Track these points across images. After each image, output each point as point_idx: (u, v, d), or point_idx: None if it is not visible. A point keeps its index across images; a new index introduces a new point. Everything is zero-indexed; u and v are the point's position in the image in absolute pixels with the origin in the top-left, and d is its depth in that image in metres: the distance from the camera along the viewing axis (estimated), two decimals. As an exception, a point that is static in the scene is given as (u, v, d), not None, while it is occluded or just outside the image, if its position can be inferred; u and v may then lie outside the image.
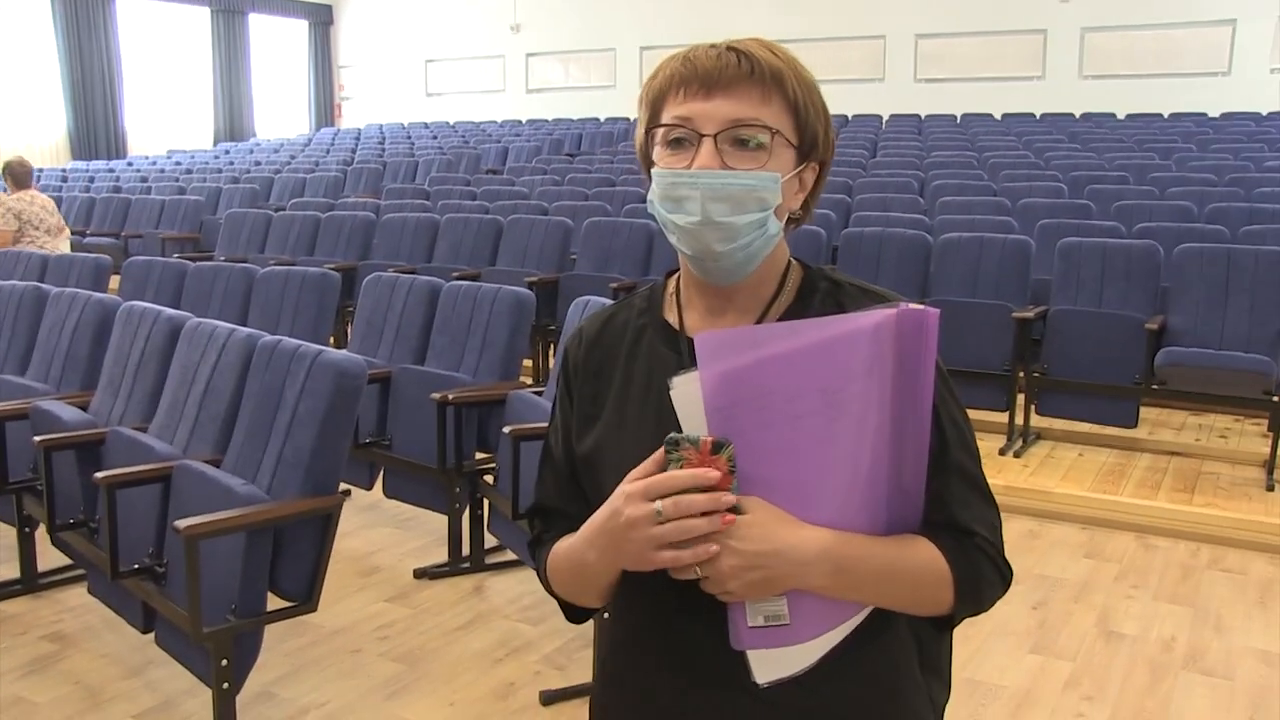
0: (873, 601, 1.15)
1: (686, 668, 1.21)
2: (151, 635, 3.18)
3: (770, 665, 1.14)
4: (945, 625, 1.22)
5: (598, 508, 1.25)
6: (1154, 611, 3.88)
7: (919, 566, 1.15)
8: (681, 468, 1.08)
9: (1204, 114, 13.18)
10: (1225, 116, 12.94)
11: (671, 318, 1.28)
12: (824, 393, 1.07)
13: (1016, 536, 1.08)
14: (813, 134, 1.20)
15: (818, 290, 1.24)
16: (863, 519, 1.11)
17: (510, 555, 4.15)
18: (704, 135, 1.15)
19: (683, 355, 1.22)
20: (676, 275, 1.31)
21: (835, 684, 1.18)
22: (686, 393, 1.11)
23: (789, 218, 1.22)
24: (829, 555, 1.09)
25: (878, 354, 1.07)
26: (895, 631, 1.22)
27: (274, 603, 2.85)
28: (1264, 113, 12.95)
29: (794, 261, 1.27)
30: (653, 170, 1.20)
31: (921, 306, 1.08)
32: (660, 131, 1.19)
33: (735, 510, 1.08)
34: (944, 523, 1.18)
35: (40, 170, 14.87)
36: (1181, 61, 14.42)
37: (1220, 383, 5.13)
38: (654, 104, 1.20)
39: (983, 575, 1.18)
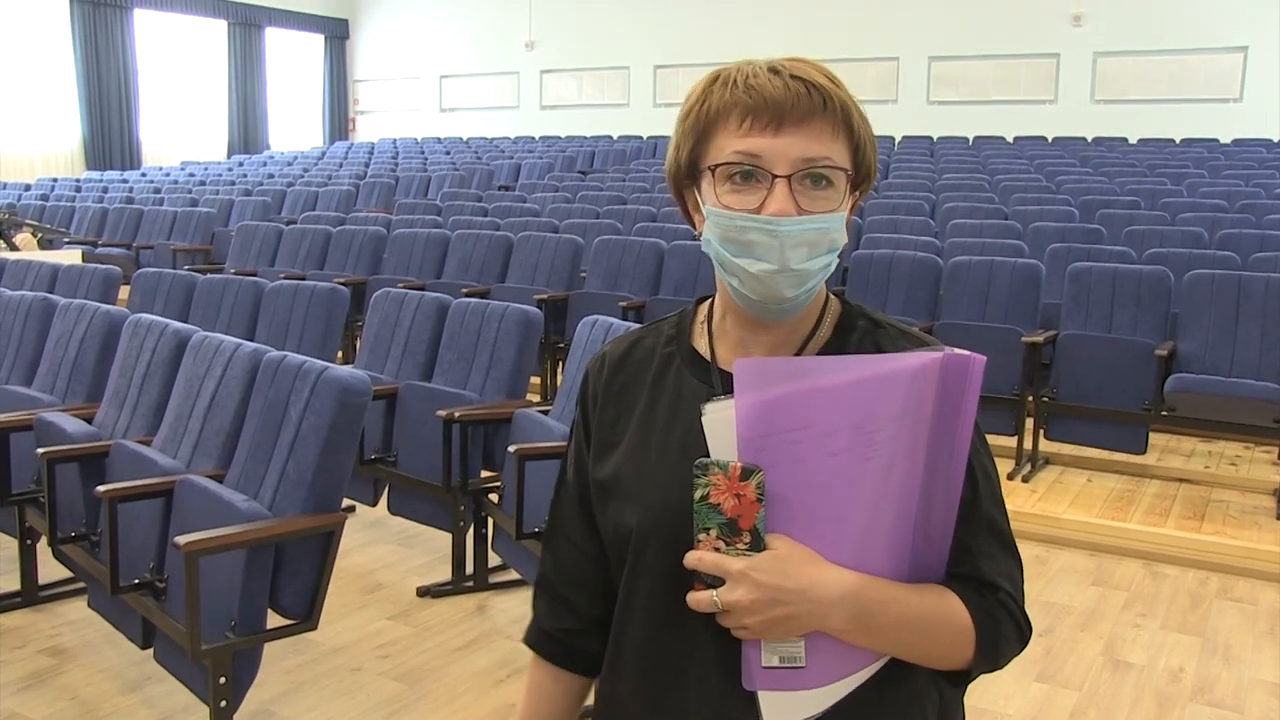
0: (891, 650, 1.10)
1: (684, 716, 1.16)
2: (150, 651, 3.16)
3: (782, 709, 1.09)
4: (960, 680, 1.16)
5: (607, 535, 1.22)
6: (1162, 641, 3.84)
7: (942, 618, 1.09)
8: (709, 493, 1.05)
9: (1215, 140, 13.17)
10: (1237, 143, 12.94)
11: (701, 347, 1.22)
12: (858, 431, 1.03)
13: (1023, 562, 1.07)
14: (867, 167, 1.15)
15: (855, 328, 1.20)
16: (884, 564, 1.07)
17: (514, 575, 4.13)
18: (777, 176, 1.08)
19: (714, 387, 1.16)
20: (707, 302, 1.25)
21: None
22: (719, 420, 1.06)
23: None
24: (854, 598, 1.04)
25: (917, 396, 1.03)
26: (915, 683, 1.15)
27: (274, 620, 2.84)
28: (1275, 139, 12.95)
29: (831, 296, 1.22)
30: (711, 209, 1.12)
31: (968, 353, 1.03)
32: (720, 168, 1.10)
33: (760, 544, 1.05)
34: (968, 575, 1.13)
35: (54, 180, 14.95)
36: (1193, 87, 14.46)
37: (1230, 410, 5.10)
38: (704, 130, 1.12)
39: (1003, 633, 1.13)
